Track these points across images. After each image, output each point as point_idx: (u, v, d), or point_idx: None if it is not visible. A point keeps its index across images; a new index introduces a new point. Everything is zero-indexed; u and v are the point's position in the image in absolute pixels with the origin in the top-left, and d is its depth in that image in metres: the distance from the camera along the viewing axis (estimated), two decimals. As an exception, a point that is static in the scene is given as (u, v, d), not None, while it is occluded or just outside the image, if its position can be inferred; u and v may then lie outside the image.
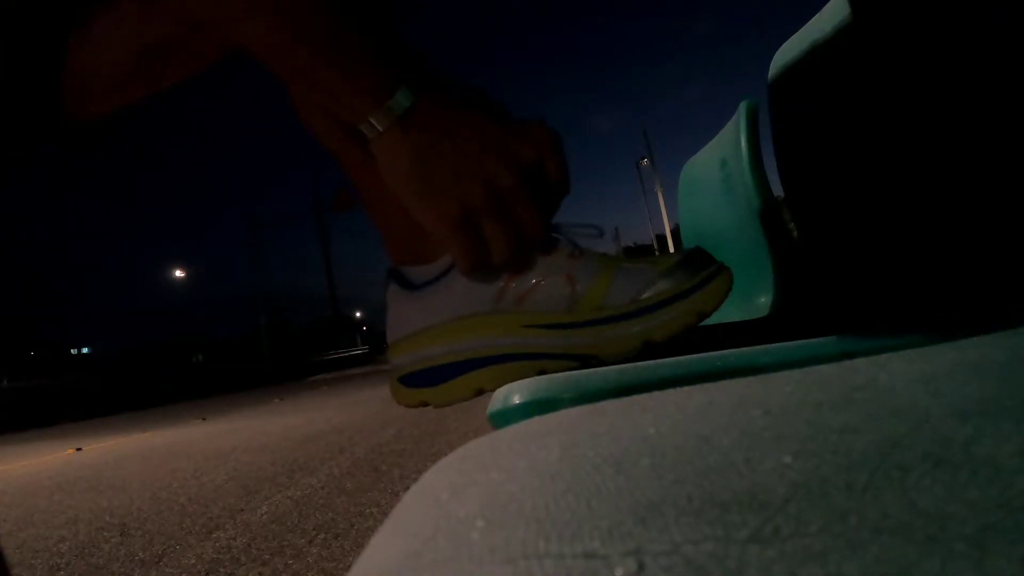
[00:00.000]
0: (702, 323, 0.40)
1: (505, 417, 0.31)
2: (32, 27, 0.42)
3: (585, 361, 0.40)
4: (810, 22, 0.69)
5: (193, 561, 1.42)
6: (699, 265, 0.41)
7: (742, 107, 0.91)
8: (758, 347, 0.32)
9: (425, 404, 0.44)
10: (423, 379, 0.44)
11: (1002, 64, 0.44)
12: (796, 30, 0.72)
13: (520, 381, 0.36)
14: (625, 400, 0.20)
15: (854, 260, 0.67)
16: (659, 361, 0.33)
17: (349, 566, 0.44)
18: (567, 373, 0.35)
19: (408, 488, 0.18)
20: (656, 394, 0.21)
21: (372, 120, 0.37)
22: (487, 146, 0.37)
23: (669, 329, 0.39)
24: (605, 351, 0.40)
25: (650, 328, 0.39)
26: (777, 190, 0.86)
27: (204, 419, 5.98)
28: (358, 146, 0.44)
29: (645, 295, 0.40)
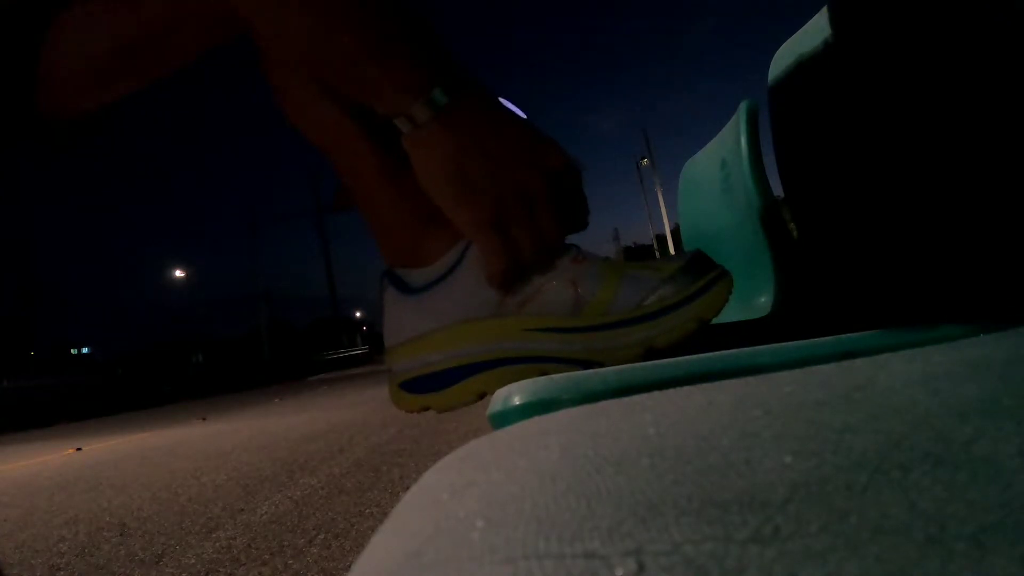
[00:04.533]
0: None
1: (505, 418, 0.31)
2: (3, 23, 0.41)
3: (587, 365, 0.40)
4: (810, 22, 0.69)
5: (193, 561, 1.42)
6: (701, 270, 0.41)
7: (742, 107, 0.91)
8: (758, 347, 0.32)
9: (427, 409, 0.44)
10: (425, 385, 0.43)
11: (1002, 64, 0.44)
12: (796, 30, 0.72)
13: (520, 382, 0.36)
14: (625, 400, 0.20)
15: (854, 260, 0.67)
16: (659, 361, 0.33)
17: (349, 566, 0.44)
18: (567, 374, 0.35)
19: (408, 488, 0.18)
20: (656, 394, 0.21)
21: (412, 113, 0.36)
22: (518, 148, 0.38)
23: (672, 336, 0.39)
24: (608, 356, 0.40)
25: (653, 335, 0.39)
26: (777, 190, 0.86)
27: (204, 419, 5.98)
28: (352, 145, 0.44)
29: (648, 301, 0.40)
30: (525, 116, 0.40)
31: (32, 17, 0.41)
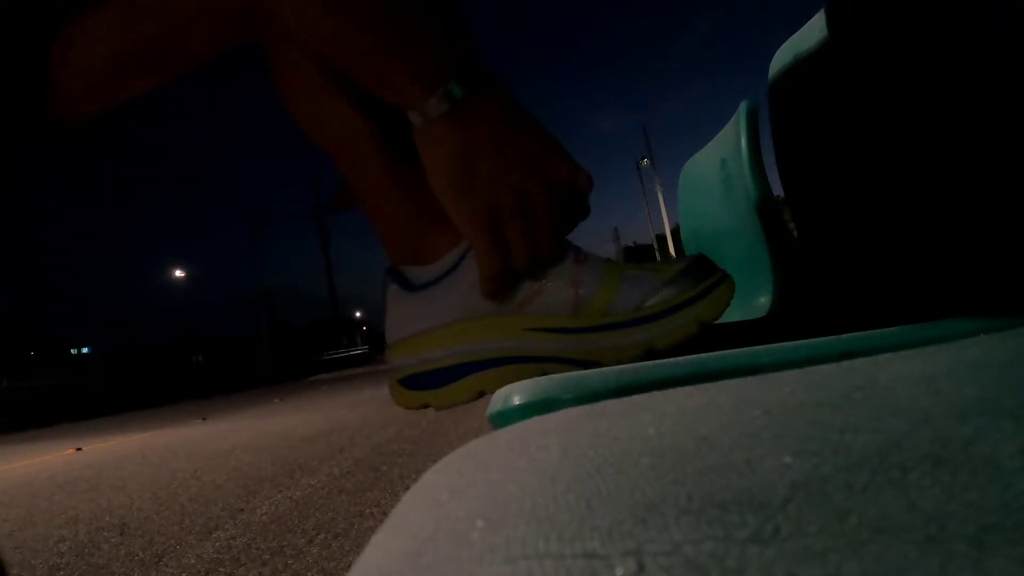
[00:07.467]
0: None
1: (505, 417, 0.31)
2: (17, 28, 0.42)
3: (587, 366, 0.40)
4: (810, 22, 0.68)
5: (193, 561, 1.42)
6: (703, 273, 0.41)
7: (742, 107, 0.91)
8: (758, 347, 0.32)
9: (426, 406, 0.44)
10: (424, 381, 0.43)
11: (1001, 63, 0.44)
12: (796, 30, 0.72)
13: (520, 382, 0.36)
14: (625, 400, 0.20)
15: (854, 260, 0.67)
16: (659, 361, 0.33)
17: (349, 566, 0.44)
18: (567, 374, 0.35)
19: (408, 488, 0.18)
20: (656, 394, 0.21)
21: (424, 106, 0.36)
22: (526, 154, 0.38)
23: (672, 338, 0.39)
24: (608, 357, 0.40)
25: (654, 336, 0.39)
26: (777, 190, 0.86)
27: (204, 419, 5.98)
28: (358, 144, 0.44)
29: (649, 303, 0.40)
30: None
31: (43, 21, 0.42)
